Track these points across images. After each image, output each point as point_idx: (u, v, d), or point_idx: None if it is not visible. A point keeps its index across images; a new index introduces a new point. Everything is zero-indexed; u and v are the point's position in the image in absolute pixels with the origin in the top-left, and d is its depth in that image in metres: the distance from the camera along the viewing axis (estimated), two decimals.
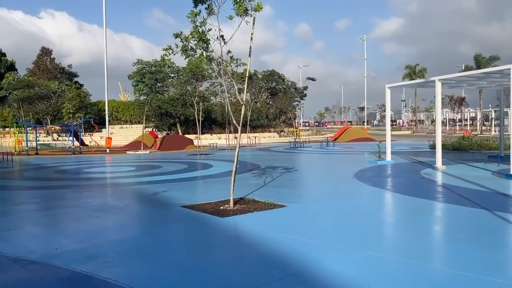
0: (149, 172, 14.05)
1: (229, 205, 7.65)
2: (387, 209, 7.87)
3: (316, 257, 4.69)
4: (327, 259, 4.61)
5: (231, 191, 7.67)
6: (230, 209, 7.40)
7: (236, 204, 7.71)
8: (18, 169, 16.26)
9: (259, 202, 7.93)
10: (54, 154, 25.52)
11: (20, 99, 47.14)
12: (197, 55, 7.50)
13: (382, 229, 6.24)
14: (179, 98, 43.47)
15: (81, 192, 9.81)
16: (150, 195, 9.12)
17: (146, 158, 21.78)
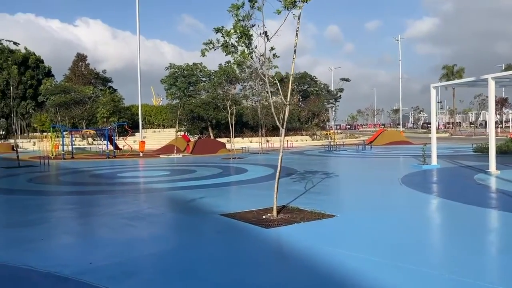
0: (184, 176, 13.66)
1: (272, 214, 7.06)
2: (449, 220, 7.05)
3: (378, 277, 4.01)
4: (391, 280, 3.93)
5: (274, 199, 7.07)
6: (274, 219, 6.80)
7: (279, 213, 7.10)
8: (54, 173, 16.27)
9: (304, 211, 7.28)
10: (89, 158, 25.73)
11: (57, 104, 48.38)
12: (238, 52, 6.95)
13: (449, 244, 5.47)
14: (211, 102, 43.39)
15: (116, 198, 9.46)
16: (187, 202, 8.64)
17: (179, 162, 21.53)
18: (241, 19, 6.45)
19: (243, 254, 5.09)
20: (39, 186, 12.12)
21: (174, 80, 40.87)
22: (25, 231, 6.38)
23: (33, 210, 8.18)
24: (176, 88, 40.80)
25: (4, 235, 6.20)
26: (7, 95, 52.96)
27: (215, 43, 6.87)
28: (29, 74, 54.92)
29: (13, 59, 53.08)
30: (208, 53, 6.85)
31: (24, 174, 15.70)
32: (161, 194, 10.03)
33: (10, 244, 5.67)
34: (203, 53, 6.88)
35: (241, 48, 6.90)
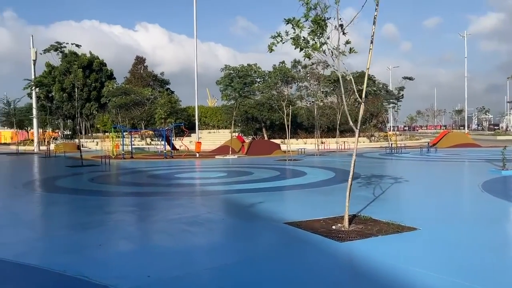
0: (241, 178, 13.22)
1: (342, 224, 6.34)
2: None
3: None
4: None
5: (346, 207, 6.34)
6: (346, 230, 6.08)
7: (351, 223, 6.37)
8: (114, 173, 16.51)
9: (379, 222, 6.48)
10: (147, 158, 26.20)
11: (118, 105, 50.34)
12: (309, 46, 6.29)
13: None
14: (266, 103, 43.01)
15: (173, 201, 9.16)
16: (247, 207, 8.12)
17: (235, 163, 21.22)
18: (312, 7, 5.78)
19: (315, 273, 4.44)
20: (99, 186, 12.19)
21: (229, 81, 40.92)
22: (84, 234, 6.15)
23: (93, 212, 8.04)
24: (232, 89, 40.81)
25: (64, 238, 5.99)
26: (73, 97, 55.97)
27: (284, 36, 6.26)
28: (93, 77, 57.67)
29: (78, 62, 55.96)
30: (275, 47, 6.25)
31: (86, 173, 16.05)
32: (219, 197, 9.61)
33: (68, 248, 5.42)
34: (270, 48, 6.31)
35: (312, 41, 6.24)
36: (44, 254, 5.17)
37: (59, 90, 56.00)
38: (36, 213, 8.02)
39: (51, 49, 52.64)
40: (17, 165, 23.23)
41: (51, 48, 52.64)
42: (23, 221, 7.08)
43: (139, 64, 61.81)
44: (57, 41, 51.85)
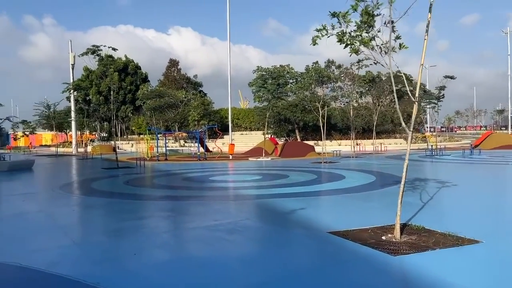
0: (278, 182, 12.79)
1: (393, 234, 5.80)
2: None
3: None
4: None
5: (398, 217, 5.80)
6: (397, 242, 5.54)
7: (402, 234, 5.81)
8: (149, 175, 16.48)
9: (434, 233, 5.89)
10: (181, 160, 26.23)
11: (152, 108, 51.07)
12: (357, 42, 5.80)
13: None
14: (299, 104, 42.42)
15: (210, 205, 8.85)
16: (287, 214, 7.68)
17: (269, 165, 20.83)
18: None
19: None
20: (134, 189, 12.08)
21: (262, 82, 40.57)
22: (118, 242, 5.91)
23: (127, 217, 7.83)
24: (265, 90, 40.44)
25: (99, 245, 5.77)
26: (109, 100, 57.33)
27: (329, 30, 5.79)
28: (129, 80, 58.88)
29: (114, 66, 57.23)
30: (320, 40, 5.80)
31: (121, 175, 16.08)
32: (257, 202, 9.21)
33: (102, 257, 5.17)
34: (314, 41, 5.85)
35: (359, 36, 5.74)
36: (77, 264, 4.93)
37: (96, 93, 57.51)
38: (71, 218, 7.90)
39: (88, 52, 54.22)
40: (56, 166, 23.77)
41: (88, 51, 54.21)
42: (58, 226, 6.94)
43: (172, 67, 62.62)
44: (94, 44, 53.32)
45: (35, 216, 7.85)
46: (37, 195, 10.95)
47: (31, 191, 11.72)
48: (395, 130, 48.25)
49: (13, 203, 9.81)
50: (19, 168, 19.81)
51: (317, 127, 48.15)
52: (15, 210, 8.75)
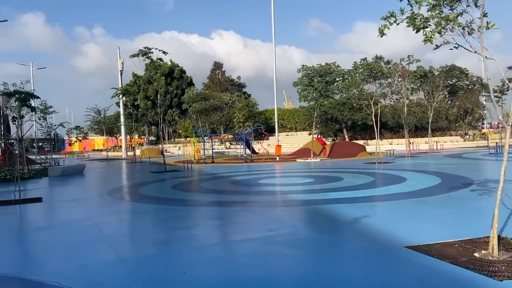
0: (332, 185, 11.89)
1: (487, 250, 4.82)
2: None
3: None
4: None
5: (494, 229, 4.79)
6: (496, 260, 4.56)
7: (499, 250, 4.81)
8: (197, 179, 16.09)
9: None
10: (228, 163, 25.85)
11: (198, 111, 51.44)
12: (432, 25, 4.88)
13: None
14: (346, 102, 40.99)
15: (262, 213, 8.15)
16: (351, 223, 6.82)
17: (318, 167, 19.90)
18: None
19: None
20: (182, 194, 11.65)
21: (309, 80, 39.46)
22: (166, 256, 5.34)
23: (176, 226, 7.30)
24: (313, 89, 39.32)
25: (146, 260, 5.22)
26: (157, 104, 58.41)
27: (398, 16, 4.91)
28: (175, 85, 59.76)
29: (160, 71, 58.29)
30: (388, 30, 4.93)
31: (169, 179, 15.80)
32: (313, 209, 8.40)
33: (149, 275, 4.60)
34: (381, 32, 5.00)
35: (435, 19, 4.82)
36: (122, 284, 4.38)
37: (143, 98, 58.86)
38: (117, 227, 7.48)
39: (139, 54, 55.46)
40: (106, 171, 24.11)
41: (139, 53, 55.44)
42: (104, 237, 6.50)
43: (217, 69, 62.94)
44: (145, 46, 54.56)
45: (81, 225, 7.51)
46: (85, 201, 10.75)
47: (80, 197, 11.57)
48: (450, 127, 45.51)
49: (62, 211, 9.62)
50: (71, 173, 20.16)
51: (366, 126, 46.41)
52: (62, 219, 8.50)
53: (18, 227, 7.82)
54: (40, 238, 6.73)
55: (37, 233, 7.07)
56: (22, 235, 7.06)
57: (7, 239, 6.59)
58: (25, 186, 15.38)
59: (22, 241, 6.60)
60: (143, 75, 60.83)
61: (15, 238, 6.78)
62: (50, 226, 7.69)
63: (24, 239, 6.74)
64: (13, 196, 10.65)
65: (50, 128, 31.53)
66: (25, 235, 7.04)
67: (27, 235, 7.09)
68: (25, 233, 7.27)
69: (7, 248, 6.04)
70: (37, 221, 8.53)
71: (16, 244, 6.38)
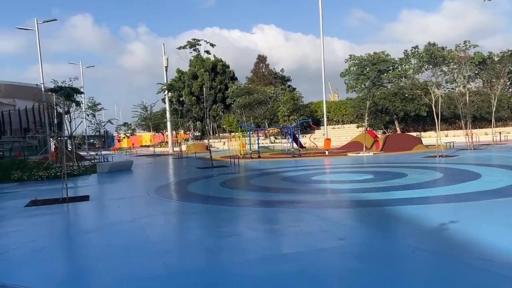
0: (397, 182, 10.69)
1: None
2: None
3: None
4: None
5: None
6: None
7: None
8: (245, 175, 15.34)
9: None
10: (275, 157, 24.98)
11: (241, 105, 50.94)
12: None
13: None
14: (398, 93, 38.84)
15: (324, 216, 7.18)
16: (436, 230, 5.70)
17: (374, 161, 18.56)
18: None
19: None
20: (232, 192, 10.91)
21: (361, 69, 37.59)
22: (218, 271, 4.51)
23: (227, 231, 6.50)
24: (365, 78, 37.46)
25: (196, 275, 4.43)
26: (201, 100, 58.57)
27: None
28: (218, 80, 59.63)
29: (204, 67, 58.35)
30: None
31: (217, 175, 15.18)
32: (384, 211, 7.32)
33: None
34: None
35: None
36: None
37: (188, 94, 59.21)
38: (165, 231, 6.79)
39: (187, 45, 55.37)
40: (153, 167, 23.98)
41: (187, 45, 55.36)
42: (151, 243, 5.82)
43: (260, 63, 62.13)
44: (194, 38, 54.28)
45: (127, 228, 6.90)
46: (132, 200, 10.25)
47: (127, 195, 11.12)
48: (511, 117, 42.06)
49: (108, 210, 9.16)
50: (119, 169, 20.08)
51: (419, 118, 43.91)
52: (108, 220, 7.97)
53: (62, 229, 7.35)
54: (82, 243, 6.17)
55: (80, 237, 6.53)
56: (64, 239, 6.54)
57: (48, 244, 6.07)
58: (74, 182, 15.31)
59: (63, 247, 6.05)
60: (187, 71, 61.23)
61: (56, 242, 6.25)
62: (94, 228, 7.15)
63: (65, 244, 6.20)
64: (61, 194, 10.35)
65: (99, 125, 32.04)
66: (67, 239, 6.51)
67: (70, 238, 6.56)
68: (68, 236, 6.76)
69: (46, 256, 5.49)
70: (82, 222, 8.06)
71: (57, 250, 5.82)
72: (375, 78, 35.88)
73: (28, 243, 6.11)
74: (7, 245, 6.02)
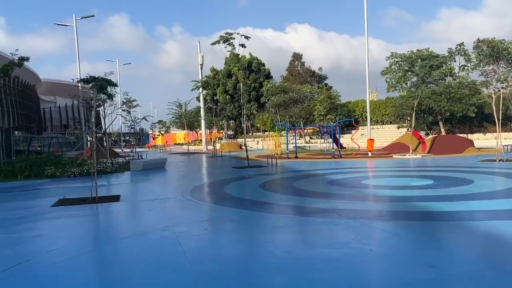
0: (466, 190, 9.23)
1: None
2: None
3: None
4: None
5: None
6: None
7: None
8: (285, 176, 14.17)
9: None
10: (313, 158, 23.67)
11: (276, 104, 49.76)
12: None
13: None
14: (443, 92, 36.53)
15: (394, 233, 5.93)
16: None
17: (426, 164, 16.96)
18: None
19: None
20: (274, 196, 9.80)
21: (410, 65, 35.44)
22: None
23: (278, 246, 5.39)
24: (413, 75, 35.34)
25: None
26: (235, 98, 57.81)
27: None
28: (253, 78, 58.61)
29: (239, 64, 57.49)
30: None
31: (254, 176, 14.12)
32: (471, 227, 5.97)
33: None
34: None
35: None
36: None
37: (222, 93, 58.56)
38: (203, 245, 5.74)
39: (221, 40, 54.60)
40: (187, 165, 23.23)
41: (221, 39, 54.61)
42: (185, 257, 4.80)
43: (295, 61, 60.74)
44: (227, 32, 53.42)
45: (159, 238, 5.90)
46: (165, 202, 9.33)
47: (160, 196, 10.22)
48: None
49: (139, 214, 8.25)
50: (152, 167, 19.41)
51: (465, 119, 41.29)
52: (138, 226, 7.02)
53: (85, 236, 6.45)
54: (106, 256, 5.21)
55: (104, 248, 5.58)
56: (86, 250, 5.60)
57: (66, 256, 5.14)
58: (107, 180, 14.66)
59: (83, 261, 5.09)
60: (222, 69, 60.59)
61: (75, 255, 5.30)
62: (121, 237, 6.20)
63: (86, 258, 5.24)
64: (91, 194, 9.56)
65: (134, 122, 31.73)
66: (90, 251, 5.57)
67: (93, 250, 5.62)
68: (91, 246, 5.84)
69: (61, 273, 4.54)
70: (109, 228, 7.15)
71: (73, 267, 4.86)
72: (425, 75, 33.65)
73: (44, 253, 5.22)
74: (21, 254, 5.15)
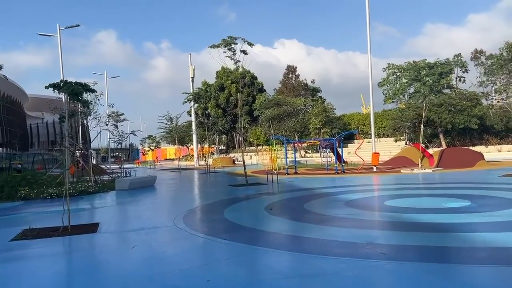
0: (507, 213, 7.67)
1: None
2: None
3: None
4: None
5: None
6: None
7: None
8: (292, 196, 12.48)
9: None
10: (315, 174, 22.06)
11: (270, 117, 48.30)
12: None
13: None
14: (444, 103, 35.40)
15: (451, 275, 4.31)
16: None
17: (443, 180, 15.44)
18: None
19: None
20: (288, 224, 8.14)
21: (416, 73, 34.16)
22: None
23: None
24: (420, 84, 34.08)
25: None
26: (227, 112, 56.24)
27: None
28: (246, 92, 57.16)
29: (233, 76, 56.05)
30: None
31: (257, 196, 12.45)
32: None
33: None
34: None
35: None
36: None
37: (214, 107, 56.98)
38: None
39: (222, 44, 51.21)
40: (179, 183, 21.43)
41: (222, 43, 51.33)
42: None
43: (289, 73, 59.63)
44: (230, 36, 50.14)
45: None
46: (153, 233, 7.59)
47: (147, 225, 8.46)
48: None
49: (119, 253, 6.51)
50: (140, 185, 17.61)
51: (465, 131, 40.24)
52: (114, 276, 5.26)
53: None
54: None
55: None
56: None
57: None
58: (89, 202, 12.90)
59: None
60: (214, 82, 59.09)
61: None
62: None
63: None
64: (62, 222, 7.83)
65: (121, 137, 29.93)
66: None
67: None
68: None
69: None
70: (75, 278, 5.39)
71: None
72: (434, 83, 32.36)
73: None
74: None
